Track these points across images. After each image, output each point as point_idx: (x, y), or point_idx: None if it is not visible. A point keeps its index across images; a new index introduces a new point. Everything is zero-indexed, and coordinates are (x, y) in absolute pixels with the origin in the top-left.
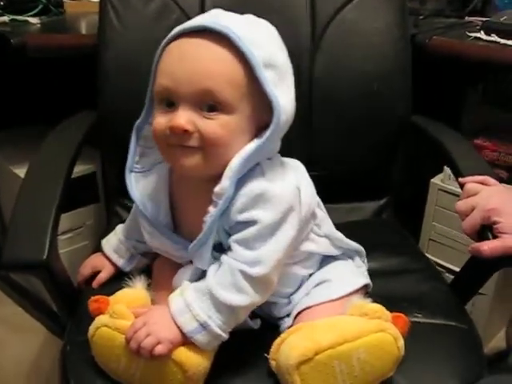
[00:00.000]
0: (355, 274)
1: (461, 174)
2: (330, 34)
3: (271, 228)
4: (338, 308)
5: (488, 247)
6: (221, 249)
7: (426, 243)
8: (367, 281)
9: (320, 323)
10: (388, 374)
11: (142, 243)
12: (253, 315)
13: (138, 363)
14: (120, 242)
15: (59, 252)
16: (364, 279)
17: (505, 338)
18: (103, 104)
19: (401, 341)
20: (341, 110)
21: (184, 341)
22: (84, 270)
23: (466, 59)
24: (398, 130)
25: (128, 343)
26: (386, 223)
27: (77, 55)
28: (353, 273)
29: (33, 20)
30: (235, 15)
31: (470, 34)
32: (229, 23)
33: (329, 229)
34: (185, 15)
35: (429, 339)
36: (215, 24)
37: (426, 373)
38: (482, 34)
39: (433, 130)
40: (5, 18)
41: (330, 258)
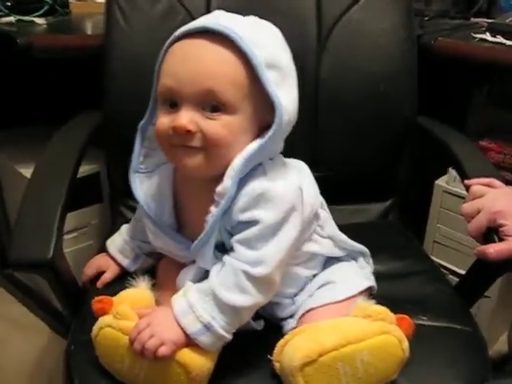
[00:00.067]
0: (359, 276)
1: (466, 176)
2: (336, 35)
3: (273, 228)
4: (342, 310)
5: (494, 250)
6: (223, 248)
7: (431, 245)
8: (371, 283)
9: (324, 325)
10: (392, 376)
11: (147, 243)
12: (256, 316)
13: (142, 364)
14: (125, 243)
15: (64, 251)
16: (368, 281)
17: (507, 342)
18: (108, 104)
19: (405, 343)
20: (347, 111)
21: (188, 342)
22: (89, 270)
23: (472, 60)
24: (404, 131)
25: (132, 344)
26: (391, 225)
27: (82, 56)
28: (357, 274)
29: (39, 20)
30: (238, 16)
31: (476, 36)
32: (231, 24)
33: (332, 230)
34: (190, 16)
35: (433, 342)
36: (217, 25)
37: (430, 375)
38: (488, 36)
39: (438, 132)
40: (11, 19)
41: (334, 260)
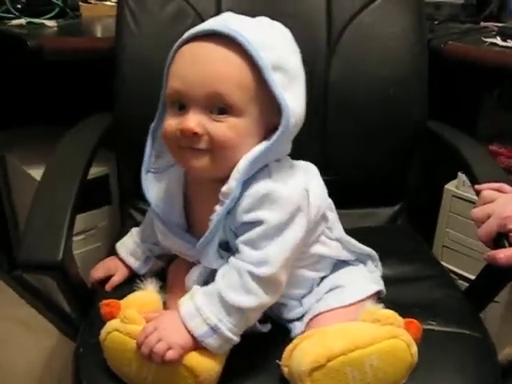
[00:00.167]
0: (368, 280)
1: (476, 181)
2: (346, 39)
3: (278, 228)
4: (351, 314)
5: (504, 255)
6: (227, 247)
7: (440, 250)
8: (380, 287)
9: (332, 329)
10: (401, 381)
11: (158, 246)
12: (263, 318)
13: (150, 368)
14: (136, 245)
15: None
16: (376, 285)
17: None
18: (119, 107)
19: (414, 347)
20: (357, 115)
21: (195, 345)
22: (97, 273)
23: (482, 65)
24: (414, 135)
25: (139, 348)
26: (401, 229)
27: (92, 58)
28: (366, 278)
29: (49, 23)
30: (247, 18)
31: (486, 40)
32: (238, 26)
33: (340, 232)
34: (200, 19)
35: (442, 347)
36: (225, 28)
37: (439, 381)
38: (498, 40)
39: (448, 136)
40: (22, 21)
41: (343, 263)
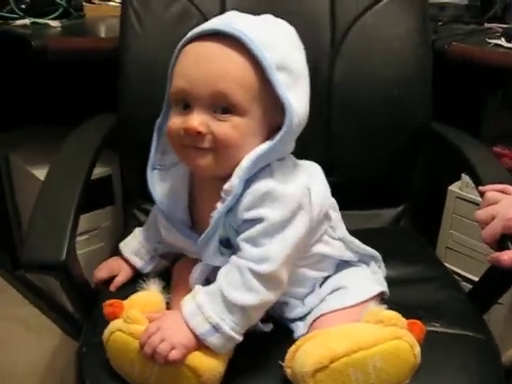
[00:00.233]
0: (371, 281)
1: (480, 182)
2: (351, 40)
3: (278, 226)
4: (354, 315)
5: (508, 257)
6: (228, 244)
7: (443, 251)
8: (383, 288)
9: (335, 330)
10: (404, 382)
11: (162, 245)
12: (265, 318)
13: (153, 368)
14: (140, 245)
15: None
16: (380, 286)
17: None
18: (123, 107)
19: (417, 348)
20: (361, 116)
21: (198, 345)
22: (100, 273)
23: (486, 66)
24: (418, 136)
25: (142, 348)
26: (404, 231)
27: (96, 58)
28: (369, 279)
29: (53, 23)
30: (251, 17)
31: (490, 41)
32: (242, 26)
33: (343, 232)
34: (204, 19)
35: (445, 349)
36: (229, 27)
37: (443, 383)
38: (503, 41)
39: (452, 137)
40: (26, 21)
41: (346, 264)
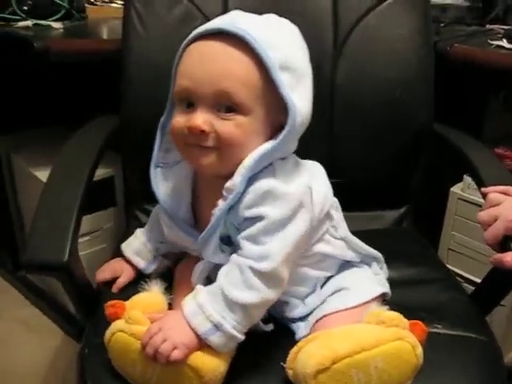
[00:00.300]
0: (373, 282)
1: (483, 184)
2: (353, 41)
3: (279, 224)
4: (356, 316)
5: (511, 258)
6: (228, 242)
7: (445, 253)
8: (385, 289)
9: (337, 331)
10: (406, 383)
11: (164, 244)
12: (266, 318)
13: (154, 368)
14: (142, 245)
15: None
16: (381, 287)
17: None
18: (126, 109)
19: (419, 349)
20: (364, 117)
21: (200, 345)
22: (103, 274)
23: (488, 67)
24: (420, 138)
25: (144, 349)
26: (406, 232)
27: (98, 60)
28: (371, 280)
29: (55, 25)
30: (255, 16)
31: (492, 42)
32: (246, 25)
33: (345, 232)
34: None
35: (448, 350)
36: (232, 26)
37: None
38: (505, 43)
39: (454, 139)
40: (28, 23)
41: (348, 265)
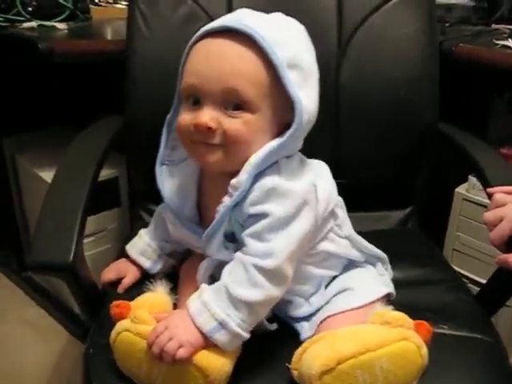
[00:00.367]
0: (377, 282)
1: (488, 184)
2: (358, 41)
3: (283, 221)
4: (360, 316)
5: None
6: (233, 239)
7: (450, 253)
8: (389, 289)
9: (341, 332)
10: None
11: (168, 243)
12: (269, 317)
13: (160, 368)
14: (146, 245)
15: None
16: (386, 288)
17: None
18: (130, 110)
19: (424, 349)
20: (369, 117)
21: (206, 343)
22: (108, 275)
23: (493, 67)
24: (425, 137)
25: (150, 348)
26: (412, 232)
27: (103, 61)
28: (375, 280)
29: (60, 26)
30: (262, 15)
31: (498, 42)
32: (253, 23)
33: (350, 231)
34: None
35: (453, 351)
36: (240, 24)
37: None
38: (510, 42)
39: (459, 139)
40: (33, 24)
41: (352, 265)
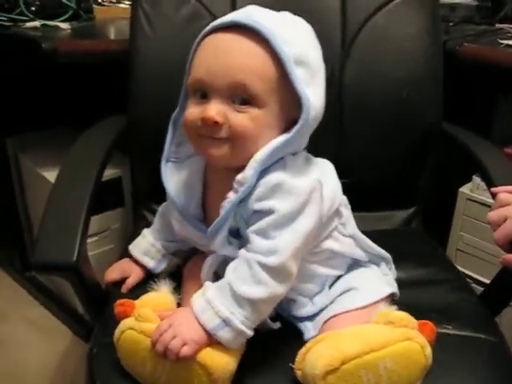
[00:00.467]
0: (381, 282)
1: (493, 184)
2: (361, 40)
3: (288, 218)
4: (364, 316)
5: None
6: (237, 235)
7: (454, 253)
8: (393, 289)
9: (345, 332)
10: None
11: (172, 242)
12: (273, 316)
13: (164, 366)
14: (150, 244)
15: None
16: (390, 288)
17: None
18: (134, 109)
19: (428, 349)
20: (372, 117)
21: (210, 341)
22: (112, 275)
23: (497, 67)
24: (429, 137)
25: (154, 346)
26: (415, 232)
27: (106, 60)
28: (379, 280)
29: (63, 25)
30: (270, 12)
31: (502, 42)
32: (262, 19)
33: (354, 229)
34: None
35: (457, 351)
36: (248, 20)
37: None
38: None
39: (463, 138)
40: (36, 23)
41: (357, 265)
